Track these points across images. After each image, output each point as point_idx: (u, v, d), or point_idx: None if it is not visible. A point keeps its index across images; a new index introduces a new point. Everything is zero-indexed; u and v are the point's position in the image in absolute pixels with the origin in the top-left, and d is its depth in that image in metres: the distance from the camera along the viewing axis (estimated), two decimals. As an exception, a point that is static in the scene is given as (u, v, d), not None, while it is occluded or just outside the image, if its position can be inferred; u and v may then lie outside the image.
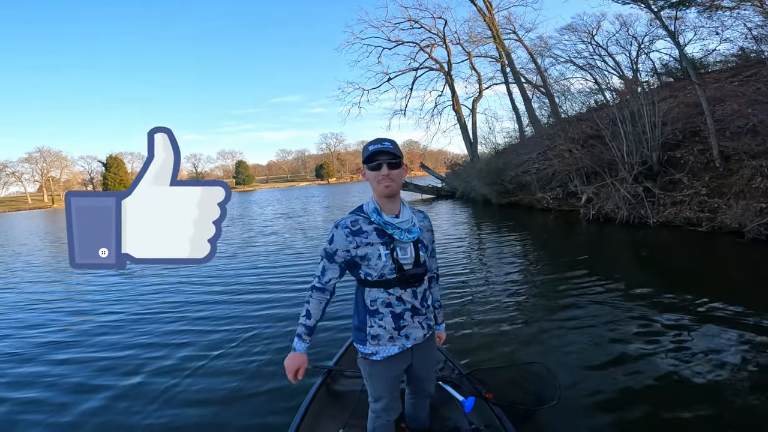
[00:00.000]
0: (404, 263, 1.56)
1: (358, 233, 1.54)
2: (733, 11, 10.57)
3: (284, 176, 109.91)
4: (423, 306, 1.63)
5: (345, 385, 2.59)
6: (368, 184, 1.57)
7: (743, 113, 8.08)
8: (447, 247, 8.17)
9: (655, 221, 8.29)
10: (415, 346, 1.66)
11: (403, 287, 1.57)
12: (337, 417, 2.23)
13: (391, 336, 1.59)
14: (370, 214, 1.56)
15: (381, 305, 1.57)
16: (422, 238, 1.62)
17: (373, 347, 1.61)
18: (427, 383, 1.86)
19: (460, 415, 2.17)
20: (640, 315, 3.88)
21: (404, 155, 1.63)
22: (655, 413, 2.44)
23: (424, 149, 64.59)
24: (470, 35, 22.71)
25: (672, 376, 2.81)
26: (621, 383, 2.77)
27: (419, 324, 1.63)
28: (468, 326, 3.94)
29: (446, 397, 2.30)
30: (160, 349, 3.89)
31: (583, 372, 2.95)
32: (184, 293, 5.87)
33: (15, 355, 4.00)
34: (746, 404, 2.46)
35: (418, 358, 1.71)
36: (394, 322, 1.58)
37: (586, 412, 2.50)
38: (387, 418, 1.76)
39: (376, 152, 1.50)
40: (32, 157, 75.50)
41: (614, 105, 11.08)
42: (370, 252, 1.53)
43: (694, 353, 3.08)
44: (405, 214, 1.59)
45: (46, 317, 5.21)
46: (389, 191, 1.52)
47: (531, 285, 5.26)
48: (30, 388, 3.29)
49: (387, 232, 1.54)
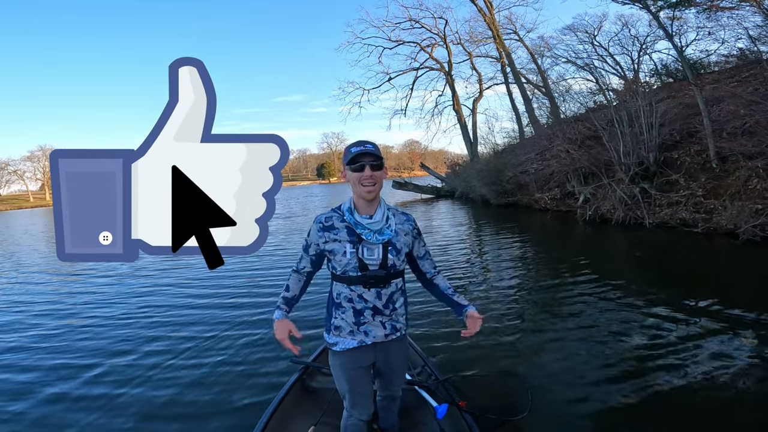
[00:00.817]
0: (369, 263, 1.58)
1: (329, 229, 1.61)
2: (731, 12, 10.53)
3: (286, 175, 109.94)
4: (387, 308, 1.64)
5: (321, 382, 2.57)
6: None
7: (739, 114, 8.07)
8: (442, 246, 8.19)
9: (650, 222, 8.29)
10: (378, 345, 1.67)
11: (365, 286, 1.59)
12: (310, 413, 2.23)
13: (351, 330, 1.63)
14: (344, 212, 1.61)
15: (344, 300, 1.62)
16: (395, 241, 1.62)
17: (335, 338, 1.66)
18: (390, 385, 1.86)
19: (432, 420, 2.17)
20: (628, 321, 3.80)
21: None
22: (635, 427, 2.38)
23: (425, 149, 64.62)
24: (471, 35, 22.74)
25: (657, 388, 2.70)
26: (599, 398, 2.67)
27: (380, 323, 1.64)
28: (452, 328, 3.87)
29: (420, 402, 2.30)
30: (129, 353, 3.81)
31: (560, 384, 2.86)
32: (168, 295, 5.76)
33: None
34: (740, 409, 2.42)
35: (381, 357, 1.72)
36: (354, 317, 1.62)
37: (555, 426, 2.46)
38: (358, 417, 1.77)
39: (360, 154, 1.54)
40: (34, 155, 75.86)
41: (612, 106, 11.07)
42: (337, 248, 1.58)
43: (682, 360, 3.01)
44: (378, 215, 1.60)
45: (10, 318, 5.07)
46: (371, 195, 1.55)
47: (522, 288, 5.22)
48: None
49: (356, 231, 1.58)
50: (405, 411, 2.17)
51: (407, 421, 2.18)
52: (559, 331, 3.72)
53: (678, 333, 3.45)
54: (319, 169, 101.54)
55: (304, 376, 2.57)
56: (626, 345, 3.34)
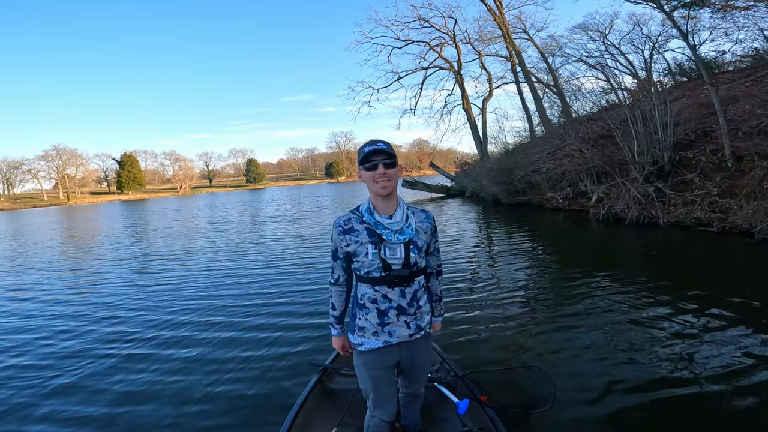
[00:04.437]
0: (392, 263, 1.58)
1: (349, 231, 1.61)
2: (746, 11, 10.47)
3: (294, 174, 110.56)
4: (411, 306, 1.64)
5: (340, 383, 2.59)
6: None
7: (755, 114, 8.06)
8: (454, 245, 8.29)
9: (665, 221, 8.31)
10: (403, 344, 1.68)
11: (389, 286, 1.60)
12: (332, 415, 2.24)
13: (375, 330, 1.63)
14: (363, 213, 1.61)
15: (368, 300, 1.63)
16: (416, 240, 1.62)
17: (360, 338, 1.67)
18: (414, 384, 1.86)
19: (454, 416, 2.18)
20: (646, 318, 3.86)
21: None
22: (652, 421, 2.37)
23: (434, 148, 64.65)
24: (480, 34, 22.74)
25: (675, 382, 2.71)
26: (620, 388, 2.68)
27: (405, 323, 1.64)
28: (469, 326, 3.92)
29: (441, 399, 2.31)
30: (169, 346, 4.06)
31: (581, 377, 2.86)
32: (187, 299, 6.02)
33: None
34: (755, 406, 2.41)
35: (406, 356, 1.72)
36: (378, 317, 1.62)
37: (579, 418, 2.43)
38: (380, 418, 1.77)
39: (372, 152, 1.55)
40: (48, 154, 77.15)
41: (626, 105, 11.07)
42: (359, 249, 1.59)
43: (700, 357, 3.02)
44: (398, 215, 1.61)
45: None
46: (385, 191, 1.56)
47: (536, 285, 5.31)
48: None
49: (377, 232, 1.58)
50: (426, 408, 2.16)
51: (429, 418, 2.17)
52: (576, 328, 3.75)
53: (697, 331, 3.50)
54: (327, 169, 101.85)
55: (323, 378, 2.58)
56: (646, 342, 3.37)
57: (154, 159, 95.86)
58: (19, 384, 3.36)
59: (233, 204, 32.16)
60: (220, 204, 33.86)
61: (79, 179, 79.50)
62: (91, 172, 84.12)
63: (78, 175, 79.59)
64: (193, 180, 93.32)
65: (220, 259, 8.49)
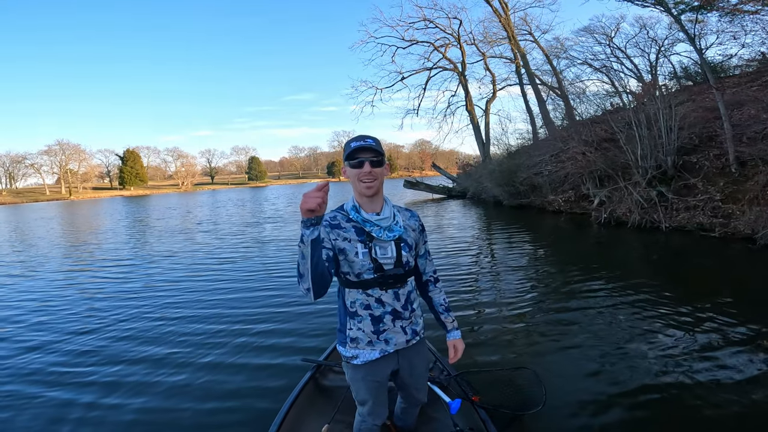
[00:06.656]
0: (384, 263, 1.48)
1: (336, 227, 1.49)
2: (754, 15, 10.39)
3: (296, 173, 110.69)
4: (406, 309, 1.54)
5: (333, 380, 2.59)
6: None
7: (761, 118, 7.99)
8: (454, 246, 8.26)
9: (667, 226, 8.25)
10: (401, 351, 1.59)
11: (383, 288, 1.49)
12: (324, 412, 2.24)
13: (370, 340, 1.51)
14: (349, 211, 1.51)
15: (360, 307, 1.50)
16: (405, 237, 1.54)
17: (353, 350, 1.54)
18: (415, 392, 1.75)
19: (445, 416, 2.17)
20: (641, 321, 3.84)
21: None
22: (644, 424, 2.37)
23: (436, 149, 64.59)
24: (485, 36, 22.75)
25: (669, 386, 2.71)
26: (612, 392, 2.69)
27: (401, 329, 1.54)
28: (465, 326, 3.89)
29: (433, 398, 2.30)
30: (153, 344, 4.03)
31: (574, 380, 2.86)
32: (181, 295, 6.00)
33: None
34: (751, 410, 2.41)
35: (404, 364, 1.62)
36: (373, 325, 1.51)
37: (570, 419, 2.43)
38: (372, 423, 1.69)
39: (359, 149, 1.43)
40: (51, 149, 77.40)
41: (630, 108, 11.00)
42: (348, 247, 1.46)
43: (696, 361, 3.01)
44: (386, 212, 1.52)
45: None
46: (370, 191, 1.45)
47: (533, 288, 5.27)
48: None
49: (365, 229, 1.48)
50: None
51: (421, 417, 2.17)
52: (573, 330, 3.74)
53: (694, 335, 3.47)
54: (329, 167, 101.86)
55: (316, 374, 2.58)
56: (640, 345, 3.36)
57: (157, 155, 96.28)
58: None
59: (234, 202, 32.12)
60: (220, 203, 33.88)
61: (82, 174, 79.74)
62: (94, 168, 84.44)
63: (80, 171, 79.83)
64: (195, 177, 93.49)
65: (214, 256, 8.49)
